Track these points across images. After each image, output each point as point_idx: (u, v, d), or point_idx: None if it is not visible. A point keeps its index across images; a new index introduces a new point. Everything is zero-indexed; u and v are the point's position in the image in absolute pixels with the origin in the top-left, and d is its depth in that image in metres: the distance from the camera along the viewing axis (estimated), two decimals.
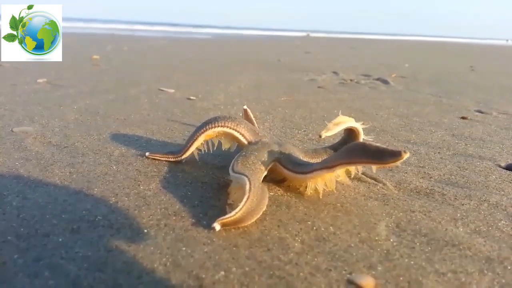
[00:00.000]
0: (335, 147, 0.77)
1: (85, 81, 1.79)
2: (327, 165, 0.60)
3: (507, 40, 16.48)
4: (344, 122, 0.71)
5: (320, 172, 0.61)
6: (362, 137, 0.75)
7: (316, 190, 0.64)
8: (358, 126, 0.74)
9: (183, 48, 4.53)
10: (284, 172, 0.66)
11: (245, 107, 0.90)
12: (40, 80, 1.71)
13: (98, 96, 1.45)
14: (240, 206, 0.53)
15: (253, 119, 0.88)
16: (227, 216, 0.52)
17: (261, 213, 0.55)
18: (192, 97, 1.52)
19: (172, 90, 1.65)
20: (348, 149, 0.59)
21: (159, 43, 5.26)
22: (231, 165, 0.64)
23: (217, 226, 0.51)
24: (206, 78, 2.09)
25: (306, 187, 0.64)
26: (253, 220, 0.54)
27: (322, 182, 0.63)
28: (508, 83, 2.40)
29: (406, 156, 0.52)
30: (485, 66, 3.58)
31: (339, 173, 0.62)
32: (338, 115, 0.72)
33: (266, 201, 0.57)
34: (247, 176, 0.58)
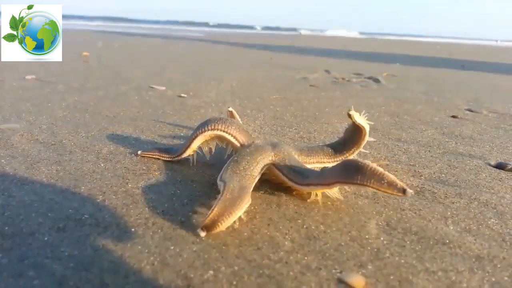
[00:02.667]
0: (333, 146, 0.74)
1: (75, 78, 1.76)
2: (323, 182, 0.59)
3: (496, 41, 16.64)
4: (363, 119, 0.69)
5: (315, 188, 0.60)
6: (366, 138, 0.71)
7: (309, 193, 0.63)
8: (367, 130, 0.71)
9: (175, 46, 4.51)
10: (277, 173, 0.65)
11: (230, 108, 0.88)
12: (28, 77, 1.69)
13: (88, 93, 1.44)
14: (214, 205, 0.52)
15: (239, 120, 0.86)
16: (204, 219, 0.51)
17: (241, 211, 0.53)
18: (183, 95, 1.51)
19: (163, 88, 1.64)
20: (345, 167, 0.56)
21: (150, 40, 5.23)
22: (220, 173, 0.62)
23: (201, 232, 0.49)
24: (198, 76, 2.08)
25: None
26: (235, 218, 0.51)
27: (316, 192, 0.62)
28: (498, 82, 2.42)
29: (409, 195, 0.50)
30: (476, 66, 3.61)
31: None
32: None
33: (245, 200, 0.54)
34: (224, 181, 0.57)
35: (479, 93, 1.92)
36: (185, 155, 0.73)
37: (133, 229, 0.51)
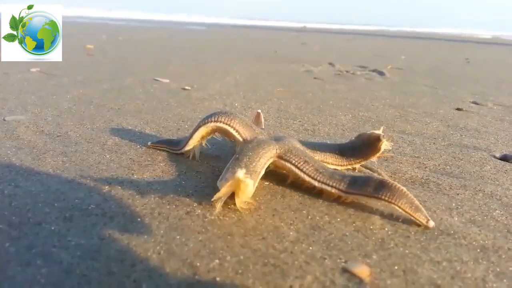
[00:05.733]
0: (341, 148, 0.71)
1: (79, 71, 1.77)
2: (341, 188, 0.58)
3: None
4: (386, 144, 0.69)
5: (329, 189, 0.59)
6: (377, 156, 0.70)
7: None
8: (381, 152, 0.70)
9: (179, 39, 4.50)
10: (286, 165, 0.63)
11: (259, 110, 0.86)
12: (33, 69, 1.69)
13: (92, 86, 1.44)
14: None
15: (263, 122, 0.84)
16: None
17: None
18: (187, 87, 1.51)
19: (167, 80, 1.64)
20: (372, 183, 0.57)
21: (154, 33, 5.22)
22: (221, 175, 0.60)
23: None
24: (202, 69, 2.07)
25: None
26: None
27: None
28: (503, 75, 2.40)
29: (431, 226, 0.54)
30: (481, 59, 3.58)
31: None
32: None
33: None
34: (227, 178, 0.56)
35: (484, 86, 1.91)
36: (188, 147, 0.73)
37: (139, 219, 0.52)
